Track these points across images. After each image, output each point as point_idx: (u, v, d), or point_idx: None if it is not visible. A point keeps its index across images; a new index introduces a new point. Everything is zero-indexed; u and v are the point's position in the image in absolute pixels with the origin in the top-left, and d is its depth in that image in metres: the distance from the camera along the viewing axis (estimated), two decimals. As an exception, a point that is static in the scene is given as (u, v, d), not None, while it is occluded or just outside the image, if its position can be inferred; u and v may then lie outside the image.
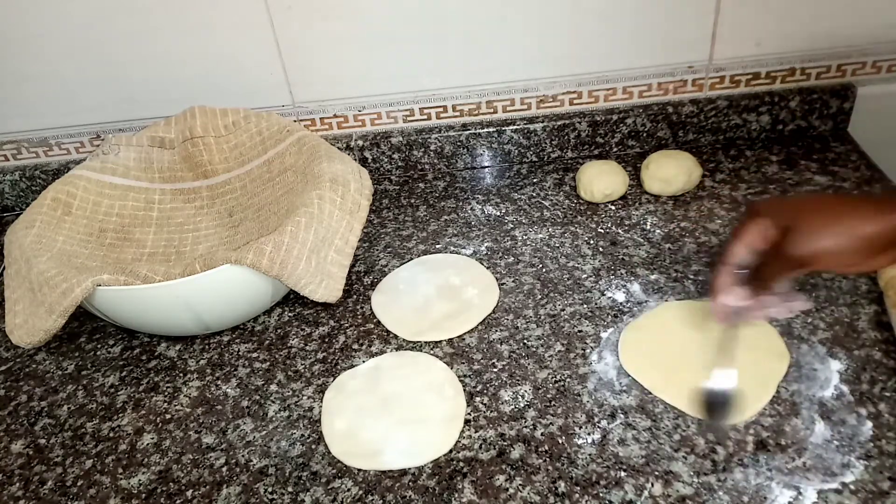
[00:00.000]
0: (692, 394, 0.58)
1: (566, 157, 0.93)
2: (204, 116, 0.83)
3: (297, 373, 0.67)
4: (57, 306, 0.65)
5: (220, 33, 0.86)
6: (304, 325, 0.72)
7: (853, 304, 0.66)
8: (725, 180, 0.84)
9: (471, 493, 0.54)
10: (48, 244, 0.72)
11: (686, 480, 0.53)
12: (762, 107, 0.88)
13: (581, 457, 0.56)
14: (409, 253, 0.80)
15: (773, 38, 0.85)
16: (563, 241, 0.79)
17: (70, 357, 0.73)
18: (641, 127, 0.90)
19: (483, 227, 0.83)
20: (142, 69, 0.89)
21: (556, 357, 0.65)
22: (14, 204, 0.99)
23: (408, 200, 0.90)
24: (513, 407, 0.61)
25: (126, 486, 0.59)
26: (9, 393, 0.70)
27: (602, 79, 0.89)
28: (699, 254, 0.74)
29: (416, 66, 0.88)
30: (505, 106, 0.92)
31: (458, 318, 0.69)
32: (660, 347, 0.63)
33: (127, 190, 0.82)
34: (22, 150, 0.96)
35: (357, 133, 0.94)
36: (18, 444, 0.65)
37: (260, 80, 0.89)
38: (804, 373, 0.60)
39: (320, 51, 0.87)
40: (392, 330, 0.70)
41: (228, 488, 0.58)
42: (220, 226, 0.84)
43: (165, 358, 0.71)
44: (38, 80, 0.90)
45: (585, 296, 0.71)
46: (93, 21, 0.85)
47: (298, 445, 0.60)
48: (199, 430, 0.63)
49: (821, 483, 0.52)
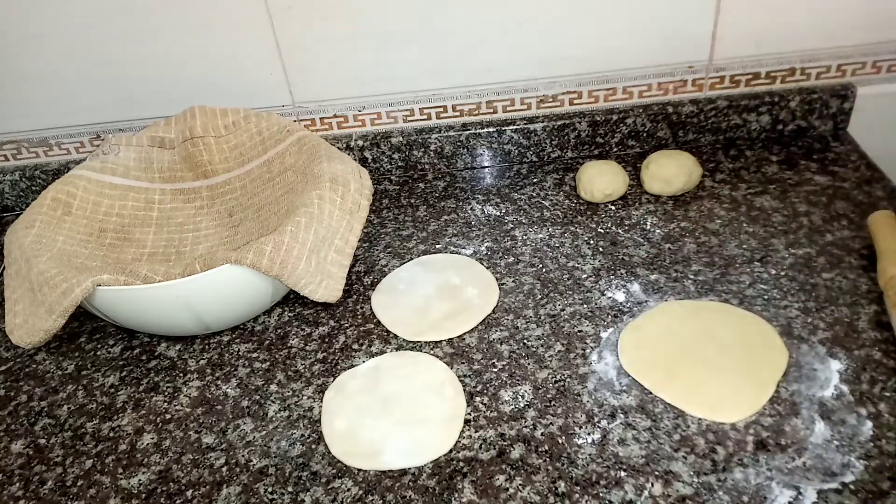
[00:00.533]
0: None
1: (566, 157, 0.93)
2: (204, 116, 0.83)
3: (297, 373, 0.67)
4: (57, 306, 0.65)
5: (220, 33, 0.86)
6: (304, 325, 0.72)
7: (853, 304, 0.66)
8: (725, 180, 0.84)
9: (471, 493, 0.54)
10: (48, 244, 0.72)
11: (686, 480, 0.53)
12: (762, 107, 0.88)
13: (581, 457, 0.56)
14: (409, 253, 0.80)
15: (772, 38, 0.85)
16: (563, 241, 0.79)
17: (70, 357, 0.73)
18: (641, 127, 0.90)
19: (483, 227, 0.83)
20: (142, 69, 0.89)
21: (556, 357, 0.65)
22: (14, 204, 0.99)
23: (408, 200, 0.90)
24: (513, 407, 0.61)
25: (126, 486, 0.59)
26: (9, 393, 0.70)
27: (602, 79, 0.89)
28: (699, 254, 0.74)
29: (416, 66, 0.88)
30: (505, 106, 0.92)
31: (458, 317, 0.69)
32: (660, 347, 0.63)
33: (127, 190, 0.82)
34: (22, 150, 0.96)
35: (357, 133, 0.94)
36: (18, 444, 0.65)
37: (260, 80, 0.89)
38: (804, 373, 0.60)
39: (320, 51, 0.87)
40: (392, 330, 0.70)
41: (228, 488, 0.58)
42: (220, 226, 0.84)
43: (165, 358, 0.71)
44: (38, 80, 0.90)
45: (585, 296, 0.71)
46: (93, 21, 0.85)
47: (298, 445, 0.60)
48: (199, 430, 0.63)
49: (821, 483, 0.52)
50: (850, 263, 0.70)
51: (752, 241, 0.75)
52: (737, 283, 0.69)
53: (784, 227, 0.76)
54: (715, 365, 0.61)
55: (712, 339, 0.63)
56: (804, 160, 0.86)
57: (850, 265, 0.70)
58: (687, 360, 0.62)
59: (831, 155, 0.86)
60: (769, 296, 0.68)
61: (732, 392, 0.58)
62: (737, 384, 0.59)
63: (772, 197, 0.81)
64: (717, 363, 0.61)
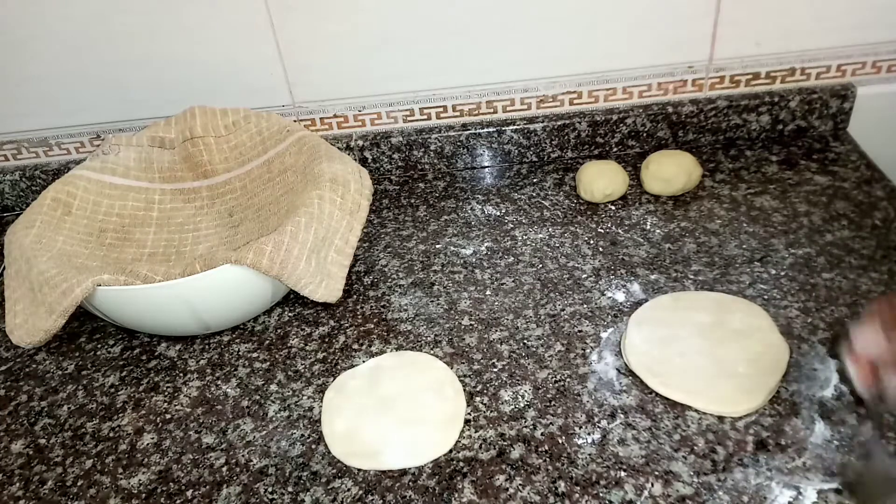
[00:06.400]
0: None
1: (566, 157, 0.93)
2: (204, 116, 0.83)
3: (297, 373, 0.67)
4: (57, 306, 0.65)
5: (220, 33, 0.86)
6: (304, 325, 0.72)
7: (853, 304, 0.66)
8: (725, 180, 0.84)
9: (471, 492, 0.54)
10: (48, 244, 0.72)
11: (686, 480, 0.53)
12: (762, 107, 0.88)
13: (581, 457, 0.56)
14: (409, 253, 0.80)
15: (772, 38, 0.85)
16: (563, 241, 0.79)
17: (70, 357, 0.73)
18: (641, 127, 0.90)
19: (483, 227, 0.83)
20: (142, 69, 0.89)
21: (556, 357, 0.65)
22: (14, 204, 0.99)
23: (408, 200, 0.90)
24: (513, 407, 0.61)
25: (126, 486, 0.59)
26: (9, 393, 0.70)
27: (602, 79, 0.89)
28: (699, 254, 0.74)
29: (416, 66, 0.88)
30: (505, 106, 0.92)
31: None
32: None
33: (127, 190, 0.82)
34: (22, 150, 0.96)
35: (357, 133, 0.94)
36: (18, 444, 0.65)
37: (260, 80, 0.89)
38: (804, 373, 0.60)
39: (320, 51, 0.87)
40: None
41: (228, 488, 0.58)
42: (220, 226, 0.84)
43: (165, 358, 0.71)
44: (38, 80, 0.90)
45: (585, 296, 0.71)
46: (93, 21, 0.85)
47: (298, 445, 0.60)
48: (199, 430, 0.63)
49: (821, 483, 0.52)
50: (850, 263, 0.70)
51: (752, 241, 0.75)
52: (737, 283, 0.69)
53: (784, 227, 0.76)
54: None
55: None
56: (804, 160, 0.86)
57: (850, 265, 0.70)
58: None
59: (831, 155, 0.86)
60: (769, 296, 0.68)
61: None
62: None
63: (772, 197, 0.81)
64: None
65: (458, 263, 0.78)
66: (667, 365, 0.61)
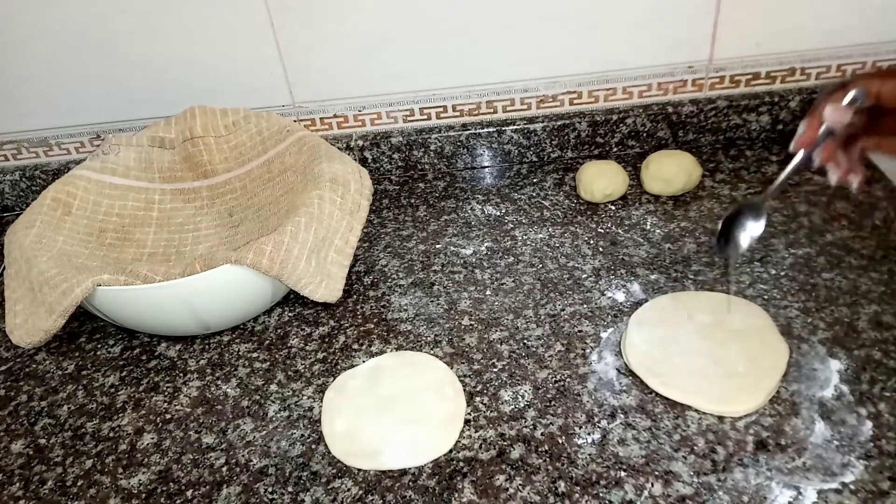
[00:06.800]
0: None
1: (566, 157, 0.93)
2: (204, 116, 0.83)
3: (297, 373, 0.67)
4: (57, 306, 0.65)
5: (220, 33, 0.86)
6: (304, 325, 0.72)
7: (853, 304, 0.66)
8: (725, 180, 0.84)
9: (471, 492, 0.54)
10: (48, 244, 0.72)
11: (686, 480, 0.53)
12: (762, 107, 0.88)
13: (581, 457, 0.56)
14: (409, 253, 0.80)
15: (772, 38, 0.85)
16: (563, 241, 0.79)
17: (70, 357, 0.73)
18: (641, 127, 0.90)
19: (483, 227, 0.83)
20: (142, 69, 0.89)
21: (556, 357, 0.65)
22: (14, 204, 0.99)
23: (408, 200, 0.90)
24: (513, 407, 0.61)
25: (126, 486, 0.59)
26: (9, 393, 0.70)
27: (602, 79, 0.89)
28: (699, 254, 0.74)
29: (416, 66, 0.88)
30: (505, 106, 0.92)
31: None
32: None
33: (127, 190, 0.82)
34: (22, 150, 0.96)
35: (357, 133, 0.94)
36: (18, 444, 0.65)
37: (260, 80, 0.89)
38: (804, 373, 0.60)
39: (320, 51, 0.87)
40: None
41: (228, 488, 0.58)
42: (220, 226, 0.84)
43: (165, 358, 0.71)
44: (38, 80, 0.90)
45: (585, 296, 0.71)
46: (92, 21, 0.85)
47: (298, 445, 0.60)
48: (199, 430, 0.63)
49: (821, 483, 0.52)
50: (850, 263, 0.70)
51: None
52: (737, 284, 0.69)
53: (784, 227, 0.76)
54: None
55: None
56: (804, 160, 0.86)
57: (850, 265, 0.70)
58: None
59: (831, 155, 0.86)
60: (769, 296, 0.68)
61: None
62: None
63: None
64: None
65: (458, 263, 0.78)
66: (667, 365, 0.61)
